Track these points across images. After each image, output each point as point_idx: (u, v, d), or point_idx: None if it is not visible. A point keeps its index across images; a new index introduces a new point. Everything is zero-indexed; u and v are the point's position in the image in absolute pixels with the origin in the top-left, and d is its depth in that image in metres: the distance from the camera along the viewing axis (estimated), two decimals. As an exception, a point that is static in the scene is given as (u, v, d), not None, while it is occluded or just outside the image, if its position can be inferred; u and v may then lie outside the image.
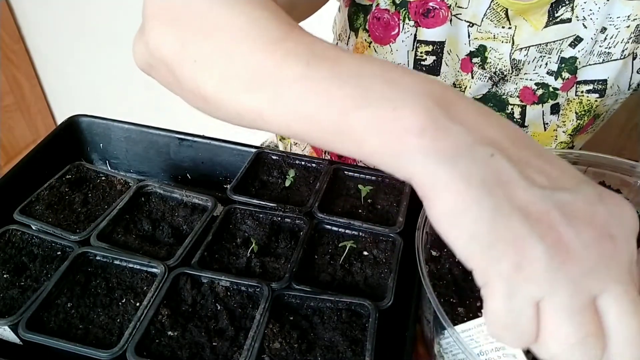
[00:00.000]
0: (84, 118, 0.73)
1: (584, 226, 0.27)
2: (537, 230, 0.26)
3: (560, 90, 0.66)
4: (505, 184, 0.27)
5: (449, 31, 0.63)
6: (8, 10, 1.72)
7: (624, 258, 0.27)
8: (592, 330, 0.26)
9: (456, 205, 0.27)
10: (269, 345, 0.46)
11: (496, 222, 0.26)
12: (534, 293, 0.26)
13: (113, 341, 0.47)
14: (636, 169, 0.54)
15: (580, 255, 0.26)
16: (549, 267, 0.25)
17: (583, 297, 0.26)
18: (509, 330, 0.27)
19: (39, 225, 0.58)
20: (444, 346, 0.44)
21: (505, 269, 0.26)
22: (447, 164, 0.27)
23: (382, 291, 0.52)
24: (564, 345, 0.26)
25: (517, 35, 0.63)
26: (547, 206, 0.27)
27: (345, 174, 0.67)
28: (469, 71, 0.67)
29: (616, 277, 0.27)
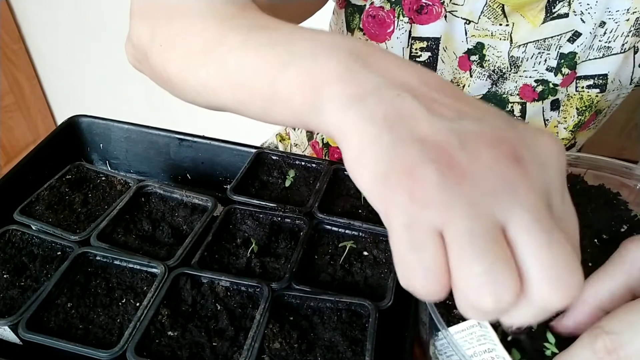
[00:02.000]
0: (84, 118, 0.73)
1: (484, 148, 0.25)
2: (432, 156, 0.24)
3: (560, 86, 0.66)
4: (407, 119, 0.26)
5: (444, 27, 0.63)
6: (8, 10, 1.72)
7: (535, 184, 0.25)
8: (499, 256, 0.23)
9: (360, 145, 0.26)
10: (269, 345, 0.46)
11: (394, 156, 0.25)
12: (432, 219, 0.24)
13: (113, 341, 0.47)
14: (635, 171, 0.54)
15: (478, 177, 0.24)
16: (442, 188, 0.24)
17: (484, 220, 0.24)
18: (416, 270, 0.25)
19: (39, 226, 0.58)
20: (439, 348, 0.44)
21: (400, 200, 0.24)
22: (354, 108, 0.27)
23: (382, 291, 0.52)
24: (469, 275, 0.23)
25: (515, 32, 0.63)
26: (448, 135, 0.25)
27: (345, 174, 0.67)
28: (467, 69, 0.67)
29: (525, 203, 0.24)
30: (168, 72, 0.42)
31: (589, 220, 0.52)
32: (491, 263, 0.23)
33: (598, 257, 0.48)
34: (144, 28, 0.45)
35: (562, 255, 0.24)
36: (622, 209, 0.53)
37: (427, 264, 0.24)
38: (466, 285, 0.24)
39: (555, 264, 0.24)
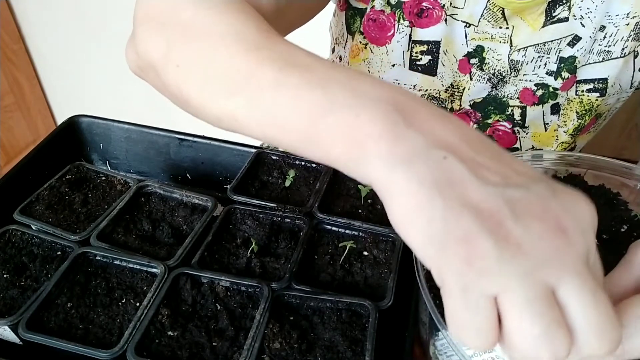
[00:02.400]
0: (84, 118, 0.73)
1: (534, 220, 0.27)
2: (487, 225, 0.26)
3: (560, 90, 0.66)
4: (457, 184, 0.27)
5: (444, 31, 0.63)
6: (8, 10, 1.72)
7: (579, 250, 0.27)
8: (554, 318, 0.26)
9: (410, 206, 0.27)
10: (269, 345, 0.46)
11: (447, 221, 0.26)
12: (488, 287, 0.26)
13: (113, 341, 0.47)
14: (635, 171, 0.54)
15: (531, 248, 0.26)
16: (500, 260, 0.26)
17: (538, 287, 0.26)
18: (468, 329, 0.27)
19: (39, 225, 0.58)
20: (439, 348, 0.44)
21: (457, 265, 0.26)
22: (402, 168, 0.28)
23: (382, 291, 0.52)
24: (528, 337, 0.26)
25: (515, 35, 0.63)
26: (498, 203, 0.27)
27: (346, 174, 0.67)
28: (467, 72, 0.67)
29: (572, 268, 0.26)
30: (185, 93, 0.41)
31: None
32: (548, 325, 0.26)
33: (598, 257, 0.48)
34: (154, 41, 0.43)
35: (606, 313, 0.27)
36: (622, 209, 0.53)
37: (480, 326, 0.27)
38: (527, 346, 0.26)
39: (600, 321, 0.27)
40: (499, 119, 0.70)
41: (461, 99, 0.69)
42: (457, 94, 0.68)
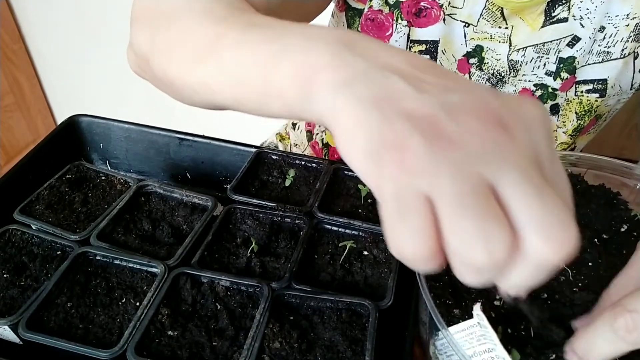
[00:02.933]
0: (84, 118, 0.73)
1: (472, 117, 0.25)
2: (420, 128, 0.25)
3: (559, 90, 0.66)
4: (395, 98, 0.26)
5: (442, 30, 0.64)
6: (8, 10, 1.72)
7: (522, 146, 0.25)
8: (491, 215, 0.23)
9: (350, 127, 0.27)
10: (269, 345, 0.46)
11: (383, 132, 0.25)
12: (420, 186, 0.24)
13: (113, 341, 0.47)
14: (635, 171, 0.54)
15: (465, 142, 0.25)
16: (431, 157, 0.24)
17: (472, 181, 0.24)
18: (403, 234, 0.25)
19: (39, 225, 0.58)
20: (439, 347, 0.44)
21: (391, 172, 0.25)
22: (343, 91, 0.27)
23: (382, 291, 0.52)
24: (461, 235, 0.23)
25: (514, 35, 0.63)
26: (434, 107, 0.26)
27: (345, 174, 0.67)
28: (466, 72, 0.67)
29: (513, 163, 0.24)
30: (168, 75, 0.43)
31: (589, 220, 0.52)
32: (482, 218, 0.23)
33: (598, 257, 0.48)
34: (143, 35, 0.46)
35: (554, 209, 0.24)
36: (622, 209, 0.53)
37: (415, 228, 0.25)
38: (459, 242, 0.24)
39: (547, 217, 0.24)
40: None
41: None
42: None
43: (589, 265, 0.48)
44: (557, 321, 0.43)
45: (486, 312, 0.40)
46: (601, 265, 0.48)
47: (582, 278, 0.47)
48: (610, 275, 0.47)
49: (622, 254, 0.49)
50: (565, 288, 0.46)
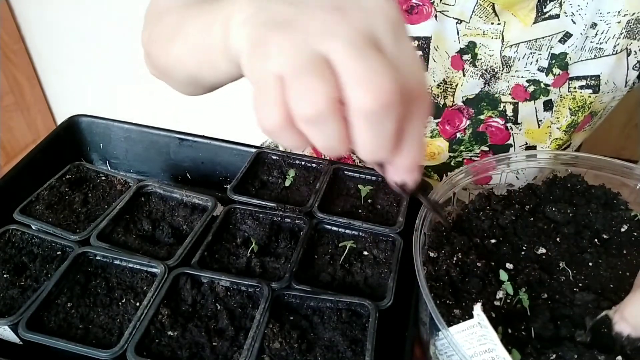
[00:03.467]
0: (84, 118, 0.73)
1: (314, 9, 0.31)
2: (272, 24, 0.31)
3: (551, 86, 0.66)
4: (270, 18, 0.32)
5: (434, 27, 0.64)
6: (8, 10, 1.72)
7: (355, 24, 0.30)
8: (318, 76, 0.29)
9: (244, 45, 0.33)
10: (269, 345, 0.46)
11: (257, 38, 0.32)
12: (269, 67, 0.30)
13: (113, 341, 0.47)
14: (635, 171, 0.54)
15: (303, 25, 0.30)
16: (276, 42, 0.30)
17: (308, 55, 0.29)
18: (261, 108, 0.31)
19: (39, 225, 0.58)
20: (439, 348, 0.44)
21: (252, 65, 0.32)
22: (246, 24, 0.33)
23: (382, 291, 0.52)
24: (296, 97, 0.29)
25: (507, 31, 0.63)
26: (292, 12, 0.31)
27: (345, 174, 0.67)
28: (460, 69, 0.67)
29: (344, 38, 0.29)
30: (161, 62, 0.51)
31: (589, 220, 0.52)
32: (310, 80, 0.29)
33: (598, 257, 0.48)
34: (145, 33, 0.55)
35: (376, 65, 0.29)
36: (622, 209, 0.54)
37: (267, 100, 0.30)
38: (295, 102, 0.30)
39: (366, 70, 0.29)
40: (492, 115, 0.70)
41: (454, 95, 0.69)
42: (450, 90, 0.69)
43: (589, 265, 0.48)
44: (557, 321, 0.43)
45: (486, 312, 0.40)
46: (601, 265, 0.48)
47: (582, 278, 0.47)
48: (611, 275, 0.47)
49: (622, 254, 0.49)
50: (565, 288, 0.46)
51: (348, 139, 0.31)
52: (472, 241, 0.51)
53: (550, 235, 0.51)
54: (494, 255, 0.50)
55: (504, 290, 0.45)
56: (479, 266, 0.47)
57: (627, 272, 0.47)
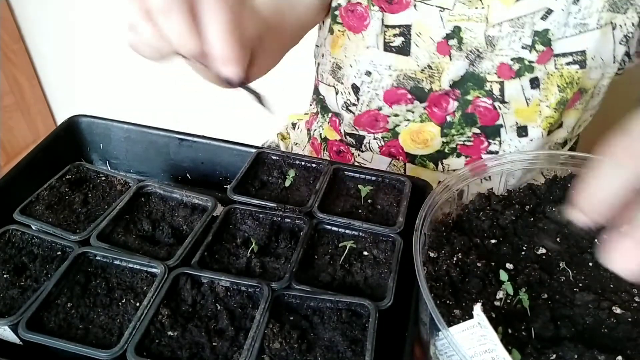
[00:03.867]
0: (84, 118, 0.73)
1: None
2: None
3: (536, 63, 0.67)
4: None
5: (414, 15, 0.67)
6: (8, 10, 1.72)
7: None
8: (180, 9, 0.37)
9: None
10: (269, 345, 0.46)
11: None
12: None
13: (113, 341, 0.47)
14: None
15: None
16: None
17: None
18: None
19: (39, 225, 0.58)
20: (439, 348, 0.44)
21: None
22: None
23: (382, 291, 0.52)
24: (162, 25, 0.39)
25: (490, 13, 0.64)
26: None
27: (345, 174, 0.67)
28: (447, 54, 0.68)
29: None
30: None
31: (589, 220, 0.52)
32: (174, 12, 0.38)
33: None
34: None
35: None
36: (622, 209, 0.53)
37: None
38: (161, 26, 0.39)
39: None
40: (479, 95, 0.71)
41: (440, 80, 0.70)
42: (437, 75, 0.70)
43: (589, 265, 0.48)
44: (557, 321, 0.43)
45: (486, 313, 0.40)
46: (601, 265, 0.48)
47: (582, 278, 0.47)
48: (611, 275, 0.47)
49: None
50: (565, 288, 0.46)
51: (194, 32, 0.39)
52: (472, 241, 0.51)
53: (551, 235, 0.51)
54: (494, 256, 0.50)
55: (504, 291, 0.45)
56: (479, 266, 0.47)
57: (627, 272, 0.47)
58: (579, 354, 0.39)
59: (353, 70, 0.73)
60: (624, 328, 0.42)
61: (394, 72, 0.70)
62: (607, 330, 0.42)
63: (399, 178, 0.66)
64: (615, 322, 0.42)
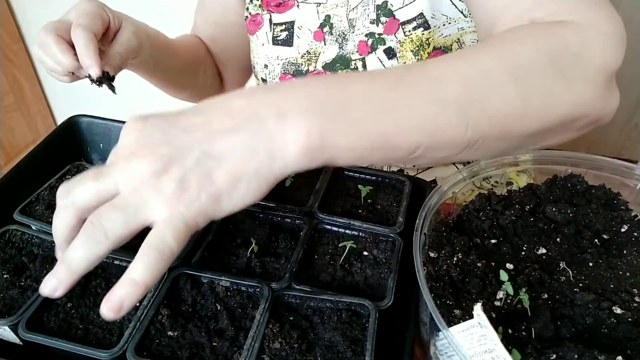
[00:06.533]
0: (84, 118, 0.73)
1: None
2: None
3: (384, 34, 0.73)
4: None
5: (297, 13, 0.78)
6: (8, 10, 1.72)
7: None
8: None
9: None
10: (269, 345, 0.46)
11: None
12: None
13: (113, 341, 0.47)
14: (635, 171, 0.54)
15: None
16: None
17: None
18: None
19: (39, 226, 0.58)
20: (439, 348, 0.44)
21: None
22: None
23: (382, 291, 0.52)
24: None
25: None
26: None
27: (345, 174, 0.67)
28: (321, 40, 0.78)
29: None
30: None
31: (589, 220, 0.52)
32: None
33: (598, 257, 0.48)
34: None
35: None
36: (622, 209, 0.53)
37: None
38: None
39: None
40: None
41: (316, 62, 0.79)
42: (314, 59, 0.79)
43: (589, 265, 0.48)
44: (557, 321, 0.43)
45: (487, 313, 0.40)
46: (601, 265, 0.48)
47: (582, 278, 0.47)
48: (611, 276, 0.47)
49: (622, 254, 0.49)
50: (566, 288, 0.46)
51: None
52: (472, 241, 0.51)
53: (551, 235, 0.51)
54: (494, 256, 0.50)
55: (504, 291, 0.45)
56: (479, 266, 0.47)
57: (627, 272, 0.47)
58: (579, 354, 0.39)
59: (258, 67, 0.85)
60: (624, 328, 0.42)
61: (281, 61, 0.81)
62: (607, 330, 0.42)
63: (399, 178, 0.66)
64: (615, 322, 0.42)
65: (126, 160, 0.35)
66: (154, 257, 0.34)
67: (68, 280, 0.36)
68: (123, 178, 0.35)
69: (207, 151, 0.35)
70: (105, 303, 0.34)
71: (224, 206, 0.36)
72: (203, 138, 0.35)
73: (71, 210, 0.36)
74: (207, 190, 0.35)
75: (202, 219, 0.36)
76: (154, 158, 0.35)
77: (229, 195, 0.35)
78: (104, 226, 0.34)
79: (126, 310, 0.34)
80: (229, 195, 0.35)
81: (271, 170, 0.36)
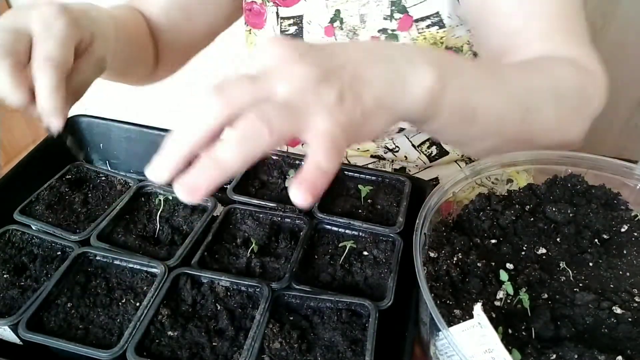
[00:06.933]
0: (84, 118, 0.73)
1: None
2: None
3: (398, 30, 0.72)
4: None
5: (304, 7, 0.76)
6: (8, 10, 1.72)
7: None
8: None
9: None
10: (269, 345, 0.46)
11: None
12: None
13: (113, 341, 0.47)
14: (635, 171, 0.54)
15: None
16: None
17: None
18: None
19: (39, 225, 0.58)
20: (439, 348, 0.44)
21: None
22: None
23: (382, 291, 0.52)
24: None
25: None
26: None
27: (345, 174, 0.67)
28: (332, 35, 0.76)
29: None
30: None
31: (589, 220, 0.52)
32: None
33: (598, 257, 0.48)
34: None
35: None
36: (622, 209, 0.53)
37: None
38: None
39: None
40: None
41: None
42: None
43: (589, 265, 0.48)
44: (557, 321, 0.43)
45: (487, 313, 0.40)
46: (601, 265, 0.48)
47: (582, 278, 0.47)
48: (611, 275, 0.47)
49: (622, 254, 0.49)
50: (566, 288, 0.46)
51: None
52: (472, 241, 0.51)
53: (551, 235, 0.51)
54: (494, 256, 0.50)
55: (504, 291, 0.45)
56: (479, 266, 0.47)
57: (627, 272, 0.47)
58: (579, 354, 0.39)
59: None
60: (624, 328, 0.42)
61: None
62: (607, 330, 0.42)
63: (399, 178, 0.66)
64: (615, 322, 0.42)
65: (287, 64, 0.34)
66: (333, 150, 0.34)
67: (217, 181, 0.33)
68: (284, 81, 0.33)
69: (358, 73, 0.35)
70: (299, 182, 0.36)
71: (366, 129, 0.36)
72: (353, 61, 0.36)
73: (224, 105, 0.33)
74: (360, 107, 0.35)
75: (352, 137, 0.35)
76: (315, 66, 0.34)
77: (371, 119, 0.36)
78: (271, 121, 0.32)
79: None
80: (370, 120, 0.36)
81: (403, 105, 0.38)
